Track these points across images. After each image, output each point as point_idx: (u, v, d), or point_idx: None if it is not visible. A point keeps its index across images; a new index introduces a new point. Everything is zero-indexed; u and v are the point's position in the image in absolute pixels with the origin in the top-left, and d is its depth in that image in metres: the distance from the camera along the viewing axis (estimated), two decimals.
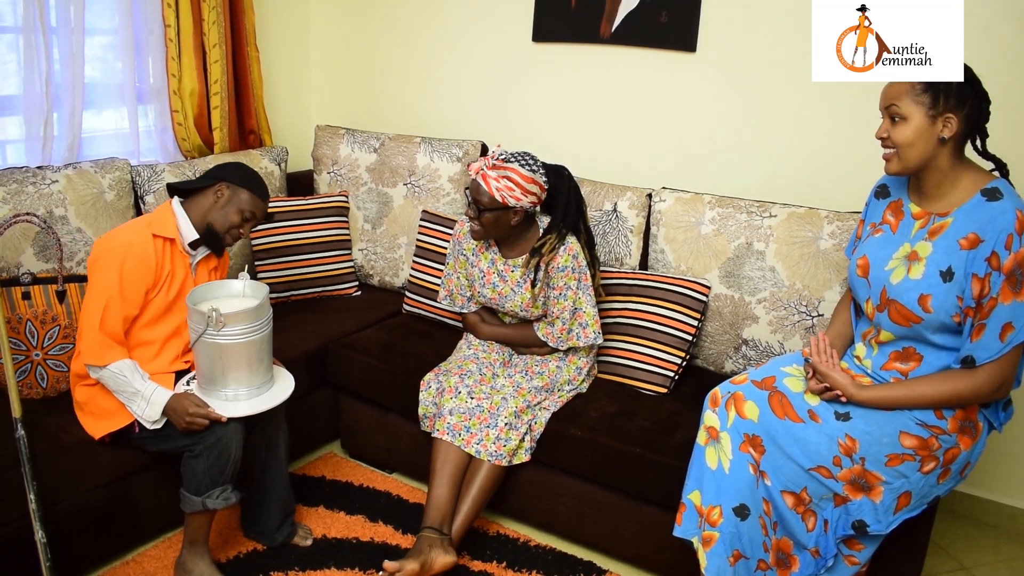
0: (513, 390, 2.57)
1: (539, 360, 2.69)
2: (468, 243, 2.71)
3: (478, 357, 2.72)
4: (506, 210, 2.48)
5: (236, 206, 2.34)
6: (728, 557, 1.98)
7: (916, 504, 1.95)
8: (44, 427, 2.27)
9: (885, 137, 1.93)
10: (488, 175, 2.45)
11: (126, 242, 2.23)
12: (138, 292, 2.24)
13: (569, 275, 2.54)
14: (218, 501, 2.23)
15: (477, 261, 2.69)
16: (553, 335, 2.62)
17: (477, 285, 2.70)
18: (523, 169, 2.45)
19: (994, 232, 1.81)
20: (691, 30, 2.98)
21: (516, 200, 2.45)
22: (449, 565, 2.34)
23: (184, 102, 3.25)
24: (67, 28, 2.84)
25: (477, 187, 2.47)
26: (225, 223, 2.34)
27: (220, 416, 2.18)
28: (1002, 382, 1.86)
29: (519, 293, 2.62)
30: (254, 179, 2.40)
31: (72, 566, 2.29)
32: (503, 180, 2.44)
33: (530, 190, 2.46)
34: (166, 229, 2.30)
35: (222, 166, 2.43)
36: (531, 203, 2.49)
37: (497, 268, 2.65)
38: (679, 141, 3.12)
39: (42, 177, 2.68)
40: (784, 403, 2.00)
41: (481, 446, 2.46)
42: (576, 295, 2.56)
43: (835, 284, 2.56)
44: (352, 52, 3.90)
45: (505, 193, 2.43)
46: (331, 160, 3.52)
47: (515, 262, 2.62)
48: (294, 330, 2.95)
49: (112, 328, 2.20)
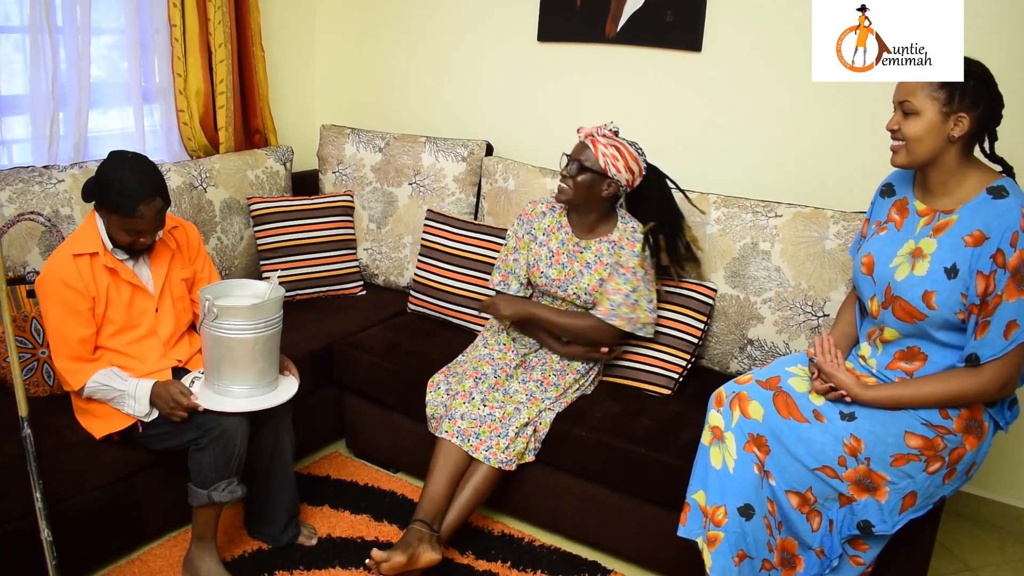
0: (527, 398, 2.55)
1: (557, 371, 2.66)
2: (540, 222, 2.69)
3: (493, 358, 2.70)
4: (604, 178, 2.50)
5: (116, 227, 2.24)
6: (733, 557, 1.98)
7: (921, 504, 1.94)
8: (50, 425, 2.28)
9: (896, 129, 1.92)
10: (598, 140, 2.50)
11: (51, 272, 2.22)
12: (81, 313, 2.23)
13: (640, 262, 2.54)
14: (224, 494, 2.23)
15: (547, 240, 2.66)
16: (621, 314, 2.54)
17: (543, 265, 2.65)
18: (631, 148, 2.52)
19: (999, 229, 1.80)
20: (696, 30, 2.98)
21: (616, 171, 2.48)
22: (433, 562, 2.32)
23: (190, 102, 3.25)
24: (73, 28, 2.85)
25: (583, 148, 2.52)
26: (120, 241, 2.28)
27: (198, 405, 2.20)
28: (1007, 380, 1.86)
29: (587, 275, 2.60)
30: (120, 195, 2.17)
31: (77, 564, 2.29)
32: (611, 148, 2.49)
33: (631, 167, 2.51)
34: (87, 245, 2.26)
35: (100, 171, 2.24)
36: (627, 181, 2.52)
37: (567, 248, 2.63)
38: (684, 140, 3.12)
39: (48, 176, 2.68)
40: (789, 403, 2.00)
41: (490, 453, 2.44)
42: (638, 284, 2.55)
43: (840, 284, 2.55)
44: (357, 52, 3.90)
45: (609, 160, 2.48)
46: (336, 160, 3.53)
47: (587, 243, 2.61)
48: (299, 329, 2.96)
49: (72, 353, 2.22)
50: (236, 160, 3.32)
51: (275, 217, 3.24)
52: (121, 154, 2.29)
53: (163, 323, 2.40)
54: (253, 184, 3.33)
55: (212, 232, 3.15)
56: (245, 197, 3.29)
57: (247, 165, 3.34)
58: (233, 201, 3.24)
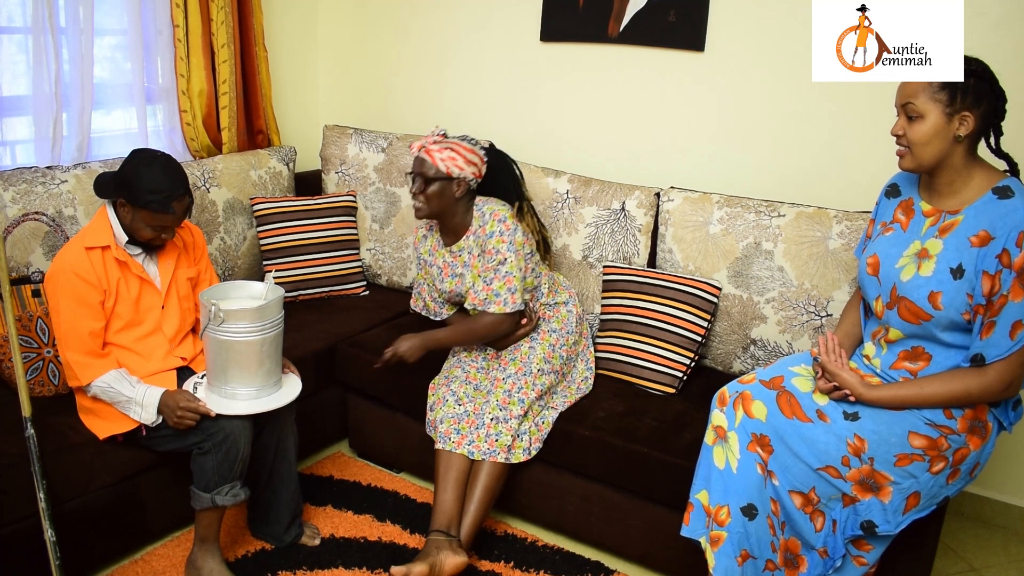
0: (491, 385, 2.59)
1: (511, 348, 2.68)
2: (424, 245, 2.77)
3: (462, 362, 2.74)
4: (450, 181, 2.54)
5: (141, 222, 2.25)
6: (736, 557, 1.97)
7: (925, 504, 1.94)
8: (54, 425, 2.28)
9: (900, 135, 1.92)
10: (431, 148, 2.54)
11: (64, 264, 2.22)
12: (92, 306, 2.23)
13: (498, 239, 2.57)
14: (227, 498, 2.23)
15: (434, 259, 2.75)
16: (478, 298, 2.59)
17: (438, 283, 2.74)
18: (463, 143, 2.58)
19: (1005, 229, 1.80)
20: (699, 29, 2.98)
21: (459, 170, 2.53)
22: (461, 566, 2.33)
23: (193, 102, 3.26)
24: (76, 28, 2.85)
25: (421, 162, 2.55)
26: (140, 236, 2.29)
27: (209, 411, 2.19)
28: (1012, 380, 1.85)
29: (469, 276, 2.64)
30: (152, 191, 2.20)
31: (81, 565, 2.30)
32: (446, 151, 2.54)
33: (471, 159, 2.56)
34: (99, 238, 2.27)
35: (126, 168, 2.25)
36: (472, 175, 2.57)
37: (448, 260, 2.69)
38: (687, 140, 3.12)
39: (51, 177, 2.69)
40: (792, 403, 1.99)
41: (473, 447, 2.47)
42: (504, 257, 2.56)
43: (844, 284, 2.55)
44: (360, 52, 3.90)
45: (449, 163, 2.52)
46: (339, 160, 3.53)
47: (459, 245, 2.66)
48: (302, 329, 2.96)
49: (82, 345, 2.22)
50: (239, 160, 3.32)
51: (278, 217, 3.24)
52: (150, 152, 2.32)
53: (168, 320, 2.40)
54: (256, 184, 3.34)
55: (215, 232, 3.16)
56: (248, 197, 3.29)
57: (250, 165, 3.34)
58: (236, 201, 3.25)
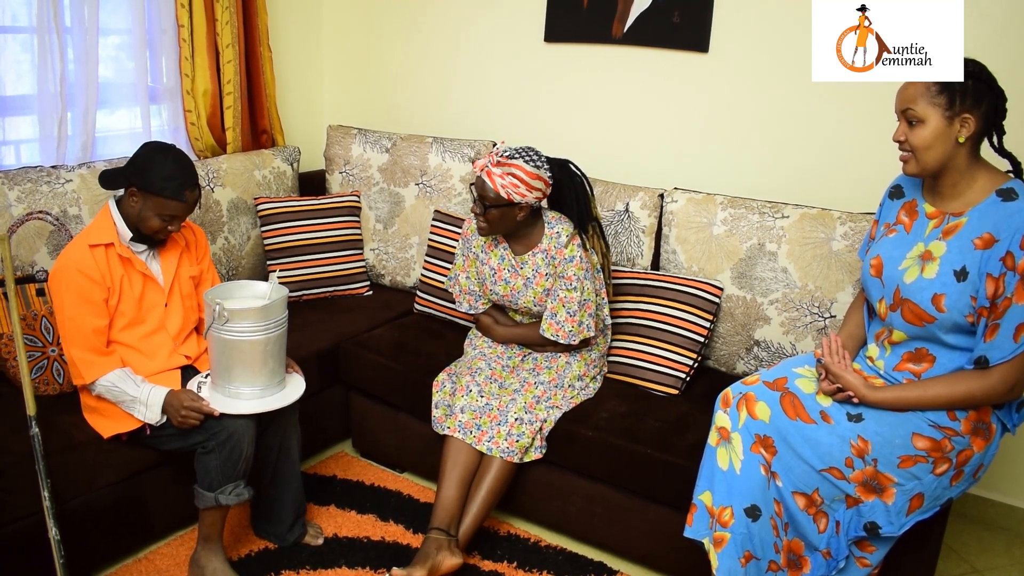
0: (520, 386, 2.58)
1: (548, 356, 2.68)
2: (477, 240, 2.71)
3: (485, 355, 2.72)
4: (512, 206, 2.48)
5: (151, 211, 2.25)
6: (739, 558, 1.97)
7: (928, 506, 1.94)
8: (58, 424, 2.29)
9: (903, 140, 1.91)
10: (493, 172, 2.45)
11: (68, 261, 2.23)
12: (96, 303, 2.24)
13: (578, 265, 2.54)
14: (231, 497, 2.24)
15: (487, 259, 2.69)
16: (563, 329, 2.57)
17: (488, 283, 2.70)
18: (527, 165, 2.46)
19: (1009, 232, 1.80)
20: (703, 30, 2.98)
21: (521, 196, 2.45)
22: (456, 567, 2.34)
23: (197, 102, 3.26)
24: (81, 28, 2.86)
25: (482, 184, 2.47)
26: (148, 227, 2.28)
27: (213, 410, 2.20)
28: (1015, 383, 1.85)
29: (532, 288, 2.62)
30: (165, 179, 2.22)
31: (85, 563, 2.30)
32: (508, 177, 2.44)
33: (534, 185, 2.47)
34: (102, 236, 2.28)
35: (139, 156, 2.28)
36: (536, 198, 2.50)
37: (508, 264, 2.65)
38: (691, 141, 3.12)
39: (56, 176, 2.69)
40: (796, 404, 1.99)
41: (492, 443, 2.46)
42: (583, 284, 2.55)
43: (847, 285, 2.55)
44: (364, 52, 3.91)
45: (510, 190, 2.44)
46: (343, 160, 3.53)
47: (523, 258, 2.62)
48: (305, 329, 2.96)
49: (86, 343, 2.22)
50: (243, 160, 3.32)
51: (282, 217, 3.24)
52: (162, 143, 2.35)
53: (172, 318, 2.41)
54: (260, 184, 3.34)
55: (219, 232, 3.16)
56: (252, 197, 3.30)
57: (254, 165, 3.34)
58: (240, 201, 3.25)
